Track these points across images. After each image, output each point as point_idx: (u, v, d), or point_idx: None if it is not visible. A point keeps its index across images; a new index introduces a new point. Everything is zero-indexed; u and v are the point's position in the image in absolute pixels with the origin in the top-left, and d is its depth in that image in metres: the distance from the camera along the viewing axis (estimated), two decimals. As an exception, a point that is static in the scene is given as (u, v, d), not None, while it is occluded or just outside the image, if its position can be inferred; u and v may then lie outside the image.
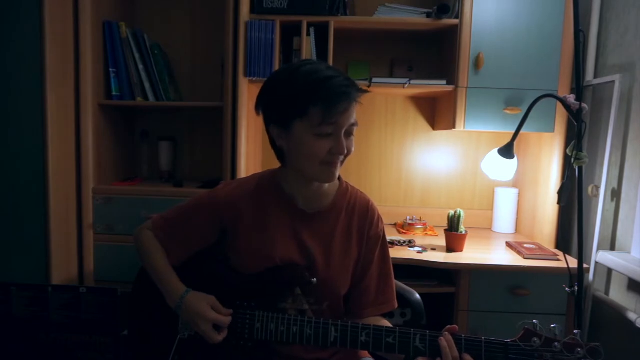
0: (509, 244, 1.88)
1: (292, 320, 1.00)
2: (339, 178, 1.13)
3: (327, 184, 1.08)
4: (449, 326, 0.93)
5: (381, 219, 1.14)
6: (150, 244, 1.13)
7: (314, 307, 1.07)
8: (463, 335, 0.90)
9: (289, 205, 1.09)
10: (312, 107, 0.93)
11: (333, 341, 0.96)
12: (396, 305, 1.15)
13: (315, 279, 1.04)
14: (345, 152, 0.97)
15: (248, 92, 1.88)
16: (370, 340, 0.94)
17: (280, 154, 1.08)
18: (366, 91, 0.99)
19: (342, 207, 1.11)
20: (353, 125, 0.98)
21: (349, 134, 0.98)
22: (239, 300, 1.05)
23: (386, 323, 1.12)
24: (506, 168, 1.62)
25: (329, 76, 0.94)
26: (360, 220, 1.11)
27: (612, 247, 1.74)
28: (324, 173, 1.00)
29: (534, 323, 0.88)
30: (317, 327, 0.98)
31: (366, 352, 1.17)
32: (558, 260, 1.68)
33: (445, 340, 0.90)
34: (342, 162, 1.01)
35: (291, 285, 1.05)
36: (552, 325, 0.86)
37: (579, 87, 1.37)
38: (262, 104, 1.04)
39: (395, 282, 1.23)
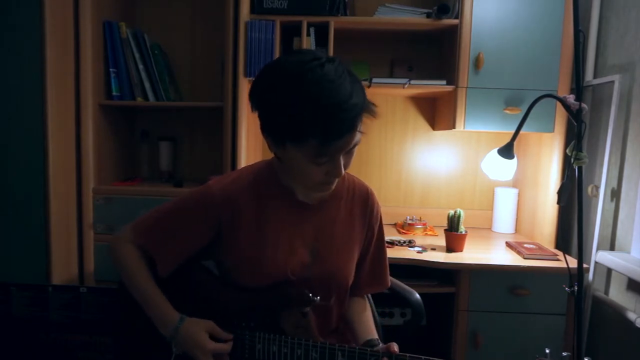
0: (508, 244, 1.88)
1: (296, 343, 0.95)
2: None
3: None
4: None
5: (379, 205, 1.15)
6: (131, 262, 1.02)
7: (321, 303, 1.02)
8: None
9: (289, 198, 1.04)
10: (308, 139, 0.84)
11: None
12: (389, 284, 1.18)
13: (318, 297, 0.98)
14: (343, 173, 0.91)
15: (248, 92, 1.87)
16: None
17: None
18: (373, 112, 0.90)
19: (342, 194, 1.09)
20: (353, 146, 0.90)
21: (348, 152, 0.91)
22: (237, 319, 1.00)
23: (369, 318, 1.13)
24: (506, 168, 1.61)
25: (332, 105, 0.82)
26: (361, 208, 1.10)
27: (612, 247, 1.74)
28: (319, 189, 0.98)
29: (546, 353, 0.86)
30: (322, 350, 0.93)
31: None
32: (558, 260, 1.68)
33: None
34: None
35: (292, 305, 0.99)
36: (564, 354, 0.85)
37: (578, 87, 1.37)
38: (256, 106, 0.93)
39: (395, 281, 1.23)
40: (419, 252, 1.76)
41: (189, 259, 1.05)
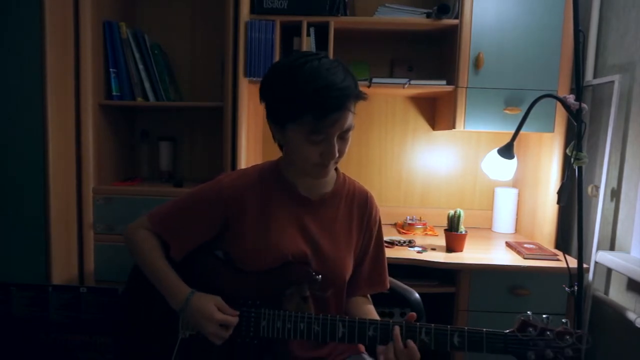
0: (508, 244, 1.88)
1: (299, 317, 1.00)
2: (336, 169, 1.17)
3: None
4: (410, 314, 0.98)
5: (378, 208, 1.19)
6: (146, 243, 1.10)
7: (318, 294, 1.08)
8: (466, 328, 0.93)
9: (292, 193, 1.10)
10: (304, 115, 0.94)
11: (341, 337, 0.98)
12: (388, 286, 1.21)
13: (320, 276, 1.04)
14: (337, 156, 0.98)
15: (248, 92, 1.88)
16: (377, 335, 0.96)
17: (280, 145, 1.11)
18: (364, 98, 0.99)
19: (342, 195, 1.14)
20: (347, 130, 0.98)
21: (342, 137, 0.99)
22: (242, 299, 1.05)
23: (372, 310, 1.16)
24: (506, 168, 1.62)
25: (325, 85, 0.93)
26: (360, 210, 1.15)
27: (612, 247, 1.74)
28: (316, 172, 1.03)
29: (528, 314, 0.95)
30: (324, 323, 0.99)
31: (363, 348, 1.19)
32: (558, 260, 1.68)
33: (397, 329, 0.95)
34: (336, 162, 1.03)
35: (295, 282, 1.05)
36: (544, 316, 0.94)
37: (578, 87, 1.37)
38: (262, 97, 1.04)
39: (395, 281, 1.25)
40: (419, 252, 1.76)
41: (201, 247, 1.12)
